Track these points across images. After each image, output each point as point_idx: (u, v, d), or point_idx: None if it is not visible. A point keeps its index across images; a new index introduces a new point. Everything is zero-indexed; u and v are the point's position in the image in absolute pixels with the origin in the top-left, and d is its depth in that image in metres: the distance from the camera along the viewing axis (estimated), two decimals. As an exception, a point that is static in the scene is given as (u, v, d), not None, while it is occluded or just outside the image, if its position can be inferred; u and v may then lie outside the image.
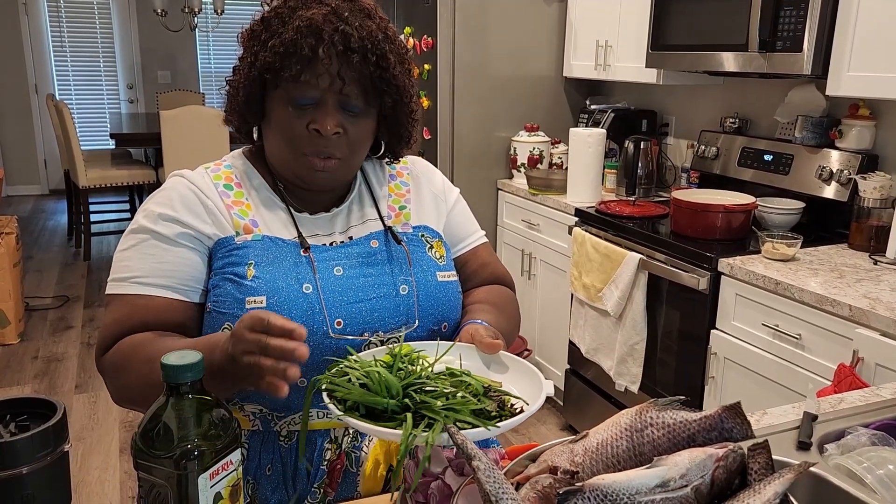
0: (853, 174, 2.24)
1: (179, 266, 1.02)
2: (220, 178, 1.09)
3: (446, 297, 1.10)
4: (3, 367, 3.53)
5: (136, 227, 1.05)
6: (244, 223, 1.05)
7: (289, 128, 1.02)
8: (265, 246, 1.04)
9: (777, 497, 0.61)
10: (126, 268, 1.03)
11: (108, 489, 2.58)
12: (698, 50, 2.44)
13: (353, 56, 0.99)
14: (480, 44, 3.18)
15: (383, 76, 1.02)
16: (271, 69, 1.00)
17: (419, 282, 1.08)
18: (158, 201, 1.06)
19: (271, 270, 1.01)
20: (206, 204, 1.05)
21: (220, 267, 1.03)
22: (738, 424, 0.70)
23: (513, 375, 0.95)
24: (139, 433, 0.73)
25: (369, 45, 1.00)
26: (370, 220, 1.13)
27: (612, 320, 2.50)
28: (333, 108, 1.02)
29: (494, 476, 0.64)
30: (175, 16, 6.84)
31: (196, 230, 1.04)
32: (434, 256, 1.13)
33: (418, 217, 1.17)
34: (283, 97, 1.02)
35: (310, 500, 1.03)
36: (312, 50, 0.98)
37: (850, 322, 1.74)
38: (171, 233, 1.03)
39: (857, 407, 1.14)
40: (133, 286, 1.01)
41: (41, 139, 7.29)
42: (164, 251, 1.02)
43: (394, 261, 1.09)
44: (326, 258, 1.05)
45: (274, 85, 1.02)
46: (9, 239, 3.72)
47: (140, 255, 1.03)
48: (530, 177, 3.08)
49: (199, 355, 0.74)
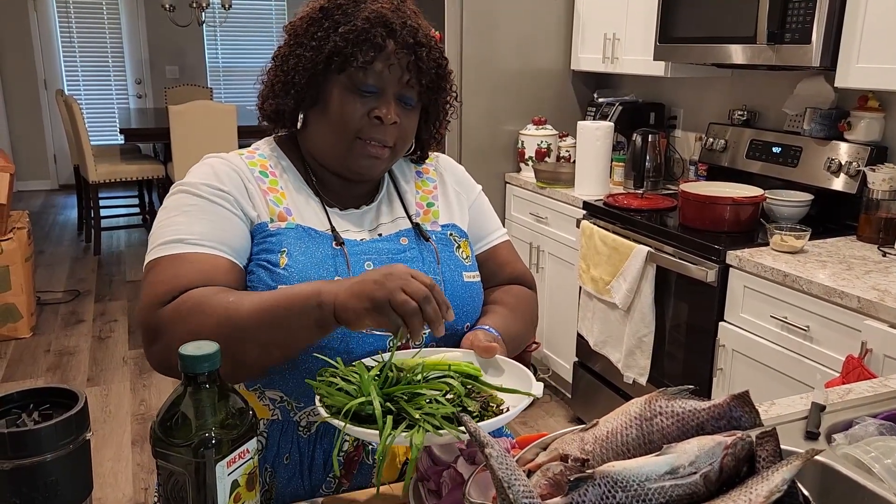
0: (862, 166, 2.24)
1: (234, 233, 1.01)
2: (255, 165, 1.09)
3: (471, 297, 1.11)
4: (16, 360, 3.57)
5: (182, 194, 1.02)
6: (279, 210, 1.06)
7: (349, 113, 1.04)
8: (298, 235, 1.04)
9: (785, 483, 0.62)
10: (177, 231, 0.99)
11: (122, 480, 2.61)
12: (706, 42, 2.44)
13: (422, 51, 1.04)
14: (488, 37, 3.18)
15: (440, 73, 1.09)
16: (341, 54, 1.02)
17: (447, 281, 1.09)
18: (201, 175, 1.04)
19: (303, 261, 1.02)
20: (247, 186, 1.06)
21: (255, 253, 1.03)
22: (746, 413, 0.71)
23: (507, 378, 0.96)
24: (158, 422, 0.74)
25: (433, 43, 1.06)
26: (399, 219, 1.15)
27: (620, 313, 2.51)
28: (393, 98, 1.05)
29: (507, 463, 0.65)
30: (183, 11, 6.86)
31: (241, 205, 1.04)
32: (461, 256, 1.14)
33: (447, 215, 1.18)
34: (345, 83, 1.04)
35: (324, 490, 1.04)
36: (384, 39, 1.02)
37: (858, 314, 1.74)
38: (223, 201, 1.02)
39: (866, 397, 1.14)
40: (187, 246, 0.98)
41: (51, 134, 7.33)
42: (221, 217, 1.01)
43: (423, 259, 1.10)
44: (358, 252, 1.06)
45: (339, 70, 1.04)
46: (20, 234, 3.75)
47: (194, 219, 1.00)
48: (538, 170, 3.09)
49: (215, 346, 0.75)
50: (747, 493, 0.63)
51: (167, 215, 1.01)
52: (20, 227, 3.81)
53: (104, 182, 5.13)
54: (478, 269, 1.17)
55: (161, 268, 0.97)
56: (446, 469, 0.86)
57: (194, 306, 0.91)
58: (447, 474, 0.86)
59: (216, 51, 7.76)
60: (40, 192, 7.38)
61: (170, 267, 0.96)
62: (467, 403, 0.87)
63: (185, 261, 0.96)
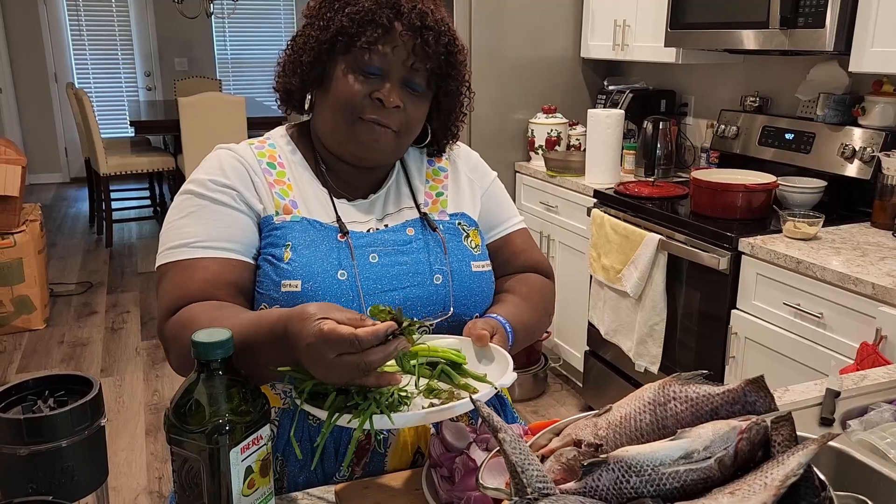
0: (876, 152, 2.21)
1: (240, 229, 1.03)
2: (263, 156, 1.10)
3: (479, 287, 1.10)
4: (30, 351, 3.60)
5: (188, 196, 1.04)
6: (284, 203, 1.06)
7: (351, 93, 1.03)
8: (303, 228, 1.04)
9: (801, 468, 0.61)
10: (184, 234, 1.02)
11: (136, 470, 2.63)
12: (718, 28, 2.41)
13: (429, 34, 1.02)
14: (497, 25, 3.16)
15: (450, 60, 1.06)
16: (346, 33, 1.02)
17: (454, 271, 1.08)
18: (208, 170, 1.06)
19: (307, 254, 1.02)
20: (253, 179, 1.06)
21: (263, 247, 1.04)
22: (761, 398, 0.71)
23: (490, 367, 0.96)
24: (172, 409, 0.75)
25: (443, 28, 1.04)
26: (406, 209, 1.14)
27: (631, 301, 2.50)
28: (398, 82, 1.04)
29: (520, 448, 0.65)
30: (191, 3, 6.85)
31: (248, 200, 1.05)
32: (469, 245, 1.13)
33: (455, 204, 1.17)
34: (350, 63, 1.03)
35: (336, 479, 1.04)
36: (390, 21, 1.01)
37: (873, 300, 1.73)
38: (225, 198, 1.03)
39: (881, 384, 1.14)
40: (191, 250, 1.01)
41: (62, 128, 7.37)
42: (225, 215, 1.03)
43: (429, 249, 1.09)
44: (363, 244, 1.06)
45: (344, 50, 1.03)
46: (33, 226, 3.78)
47: (197, 221, 1.02)
48: (548, 159, 3.07)
49: (228, 332, 0.76)
50: (763, 477, 0.62)
51: (175, 216, 1.04)
52: (33, 219, 3.84)
53: (115, 174, 5.15)
54: (489, 257, 1.16)
55: (169, 277, 1.01)
56: (459, 455, 0.86)
57: (186, 324, 0.95)
58: (460, 460, 0.86)
59: (225, 42, 7.75)
60: (52, 184, 7.42)
61: (177, 275, 1.00)
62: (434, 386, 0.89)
63: (190, 268, 1.00)
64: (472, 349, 0.99)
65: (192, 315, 0.96)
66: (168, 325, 0.98)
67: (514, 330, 1.07)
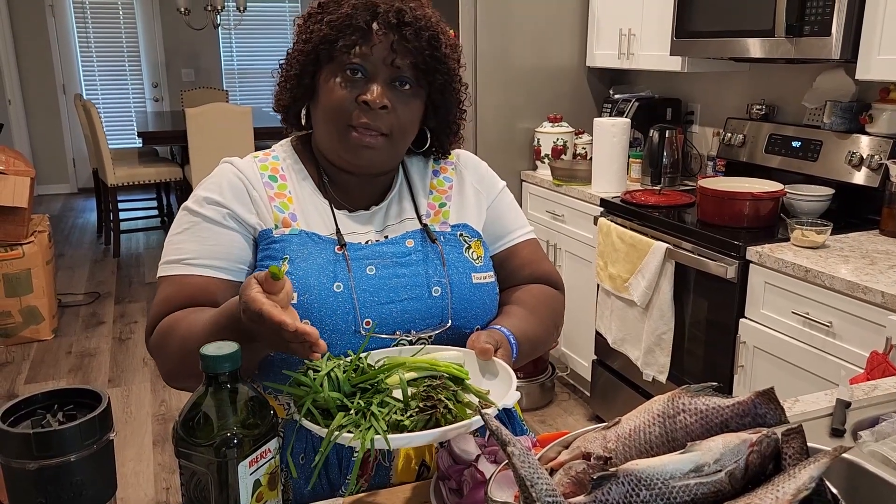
0: (884, 159, 2.20)
1: (227, 247, 1.05)
2: (266, 169, 1.10)
3: (480, 299, 1.09)
4: (38, 361, 3.61)
5: (186, 213, 1.07)
6: (283, 216, 1.06)
7: (337, 99, 1.03)
8: (302, 241, 1.05)
9: (813, 481, 0.61)
10: (177, 250, 1.05)
11: (143, 481, 2.63)
12: (723, 36, 2.42)
13: (407, 30, 1.02)
14: (502, 34, 3.17)
15: (435, 54, 1.04)
16: (327, 41, 1.03)
17: (453, 283, 1.07)
18: (207, 187, 1.08)
19: (304, 267, 1.02)
20: (251, 193, 1.07)
21: (260, 259, 1.05)
22: (771, 410, 0.70)
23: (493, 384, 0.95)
24: (180, 422, 0.75)
25: (423, 23, 1.03)
26: (407, 220, 1.13)
27: (638, 310, 2.50)
28: (384, 83, 1.03)
29: (529, 461, 0.64)
30: (198, 14, 6.90)
31: (241, 217, 1.06)
32: (471, 257, 1.12)
33: (458, 215, 1.16)
34: (334, 70, 1.04)
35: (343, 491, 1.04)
36: (367, 23, 1.02)
37: (882, 309, 1.72)
38: (218, 216, 1.05)
39: (892, 394, 1.13)
40: (182, 267, 1.04)
41: (69, 138, 7.41)
42: (214, 234, 1.05)
43: (428, 261, 1.08)
44: (360, 256, 1.06)
45: (328, 59, 1.04)
46: (41, 237, 3.80)
47: (190, 237, 1.05)
48: (554, 168, 3.07)
49: (235, 346, 0.76)
50: (774, 490, 0.62)
51: (173, 231, 1.08)
52: (41, 230, 3.86)
53: (123, 185, 5.18)
54: (495, 268, 1.15)
55: (159, 290, 1.05)
56: (467, 468, 0.86)
57: (167, 332, 1.00)
58: (468, 473, 0.85)
59: (231, 53, 7.80)
60: (60, 195, 7.46)
61: (165, 290, 1.04)
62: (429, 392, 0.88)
63: (176, 283, 1.04)
64: (475, 362, 0.98)
65: (171, 323, 1.00)
66: (152, 336, 1.03)
67: (519, 343, 1.06)
